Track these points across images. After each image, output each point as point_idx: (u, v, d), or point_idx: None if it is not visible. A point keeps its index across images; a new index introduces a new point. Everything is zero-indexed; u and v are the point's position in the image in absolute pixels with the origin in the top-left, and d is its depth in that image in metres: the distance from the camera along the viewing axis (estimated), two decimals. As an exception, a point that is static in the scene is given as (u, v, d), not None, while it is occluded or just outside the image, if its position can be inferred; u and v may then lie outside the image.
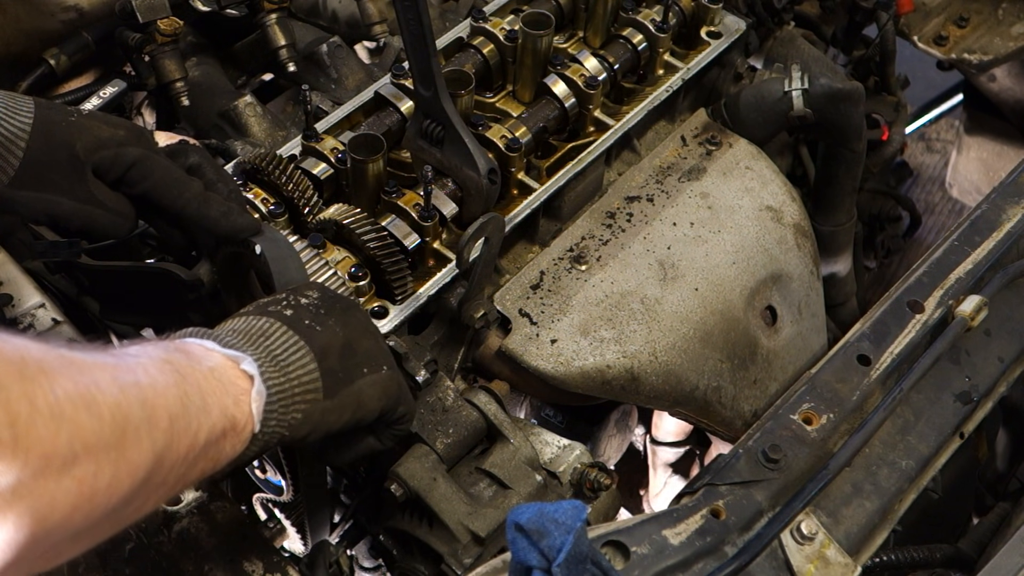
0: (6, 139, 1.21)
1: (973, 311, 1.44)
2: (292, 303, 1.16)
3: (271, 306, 1.16)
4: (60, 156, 1.24)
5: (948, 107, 3.49)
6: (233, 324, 1.12)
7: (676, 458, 2.34)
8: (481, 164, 1.47)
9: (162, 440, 0.91)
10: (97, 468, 0.83)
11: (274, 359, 1.08)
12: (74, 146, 1.24)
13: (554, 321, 1.55)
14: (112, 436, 0.84)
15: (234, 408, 1.02)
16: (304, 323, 1.14)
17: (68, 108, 1.28)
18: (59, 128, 1.24)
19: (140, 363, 0.93)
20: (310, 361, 1.11)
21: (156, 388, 0.92)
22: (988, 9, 2.44)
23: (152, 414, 0.90)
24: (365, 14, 1.87)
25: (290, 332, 1.11)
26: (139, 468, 0.88)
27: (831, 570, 1.27)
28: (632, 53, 1.73)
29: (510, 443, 1.41)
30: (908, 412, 1.42)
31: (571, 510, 0.98)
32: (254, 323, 1.12)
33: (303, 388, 1.09)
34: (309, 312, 1.16)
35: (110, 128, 1.27)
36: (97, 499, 0.84)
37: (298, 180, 1.46)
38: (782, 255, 1.75)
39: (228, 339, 1.09)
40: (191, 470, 0.98)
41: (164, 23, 1.71)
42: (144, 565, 1.33)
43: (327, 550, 1.57)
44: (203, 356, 1.03)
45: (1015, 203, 1.64)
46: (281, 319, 1.12)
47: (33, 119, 1.23)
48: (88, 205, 1.27)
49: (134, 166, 1.28)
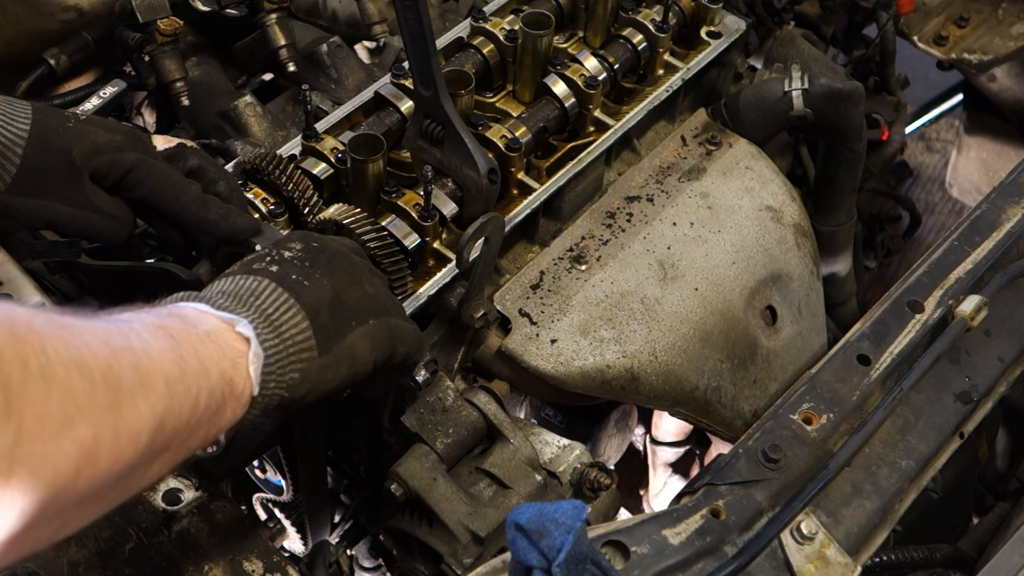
0: (3, 146, 1.21)
1: (973, 311, 1.44)
2: (276, 258, 1.15)
3: (256, 263, 1.14)
4: (57, 162, 1.24)
5: (948, 107, 3.49)
6: (222, 285, 1.11)
7: (676, 458, 2.34)
8: (481, 164, 1.47)
9: (161, 404, 0.90)
10: (96, 431, 0.82)
11: (267, 319, 1.07)
12: (71, 152, 1.24)
13: (554, 321, 1.55)
14: (106, 399, 0.84)
15: (232, 371, 1.01)
16: (291, 278, 1.12)
17: (66, 113, 1.28)
18: (56, 134, 1.24)
19: (133, 328, 0.93)
20: (302, 319, 1.09)
21: (150, 353, 0.91)
22: (988, 9, 2.44)
23: (147, 378, 0.89)
24: (365, 14, 1.87)
25: (280, 290, 1.10)
26: (140, 432, 0.87)
27: (831, 570, 1.27)
28: (632, 53, 1.73)
29: (510, 443, 1.41)
30: (908, 412, 1.42)
31: (571, 510, 0.98)
32: (242, 283, 1.10)
33: (297, 347, 1.08)
34: (294, 266, 1.14)
35: (107, 133, 1.27)
36: (100, 463, 0.84)
37: (298, 180, 1.46)
38: (782, 255, 1.75)
39: (220, 301, 1.08)
40: (193, 436, 0.97)
41: (164, 23, 1.71)
42: (144, 565, 1.33)
43: (327, 550, 1.57)
44: (198, 320, 1.02)
45: (1015, 203, 1.64)
46: (269, 276, 1.11)
47: (30, 125, 1.23)
48: (85, 211, 1.27)
49: (131, 171, 1.28)
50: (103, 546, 1.35)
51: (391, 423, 1.47)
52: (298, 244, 1.18)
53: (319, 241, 1.21)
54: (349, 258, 1.22)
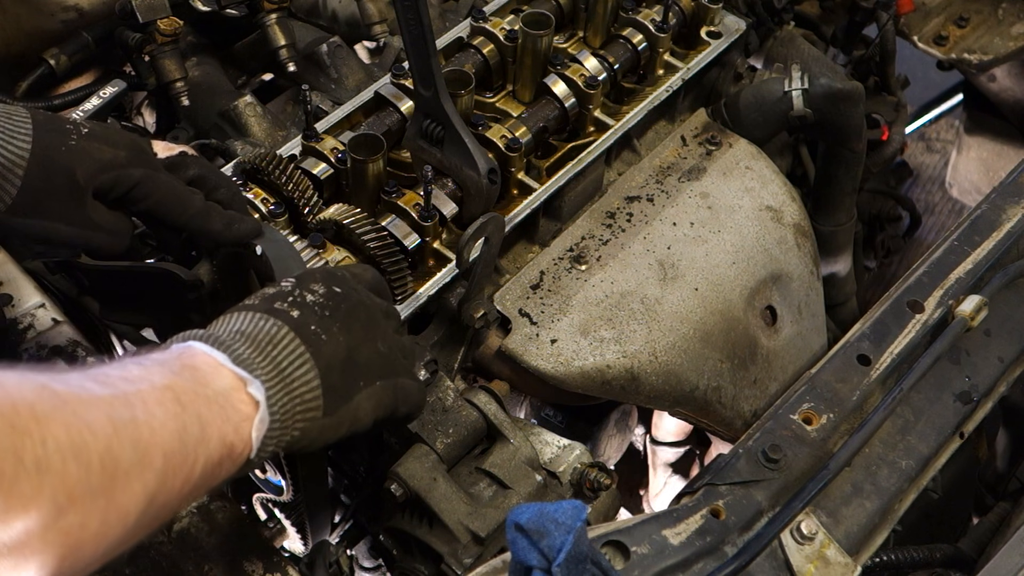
0: (3, 167, 1.18)
1: (973, 311, 1.44)
2: (298, 300, 1.13)
3: (277, 301, 1.12)
4: (59, 183, 1.20)
5: (948, 107, 3.49)
6: (240, 324, 1.08)
7: (676, 458, 2.34)
8: (481, 164, 1.47)
9: (154, 481, 0.89)
10: (84, 518, 0.82)
11: (281, 375, 1.05)
12: (74, 172, 1.20)
13: (554, 321, 1.55)
14: (100, 483, 0.83)
15: (233, 436, 1.00)
16: (310, 329, 1.10)
17: (67, 127, 1.23)
18: (59, 153, 1.20)
19: (140, 394, 0.91)
20: (314, 377, 1.08)
21: (153, 425, 0.89)
22: (988, 9, 2.44)
23: (144, 456, 0.87)
24: (365, 14, 1.87)
25: (297, 341, 1.08)
26: (129, 513, 0.87)
27: (831, 570, 1.27)
28: (632, 53, 1.73)
29: (510, 443, 1.41)
30: (908, 412, 1.42)
31: (571, 510, 0.98)
32: (262, 325, 1.08)
33: (304, 406, 1.07)
34: (315, 314, 1.12)
35: (111, 149, 1.24)
36: (85, 548, 0.83)
37: (298, 180, 1.46)
38: (782, 255, 1.75)
39: (237, 348, 1.05)
40: (184, 501, 0.96)
41: (164, 23, 1.71)
42: (144, 565, 1.33)
43: (327, 550, 1.57)
44: (211, 375, 1.00)
45: (1015, 203, 1.64)
46: (289, 323, 1.09)
47: (31, 143, 1.19)
48: (86, 229, 1.25)
49: (136, 187, 1.26)
50: (103, 546, 1.35)
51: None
52: (321, 288, 1.16)
53: (342, 285, 1.18)
54: (367, 309, 1.19)
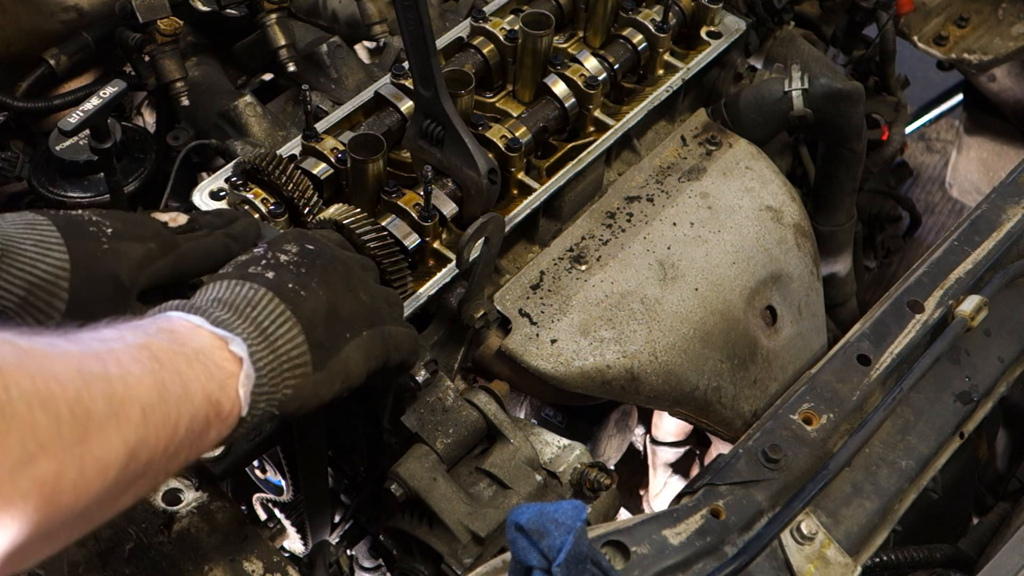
0: (48, 282, 1.11)
1: (973, 311, 1.44)
2: (272, 262, 1.11)
3: (251, 266, 1.11)
4: (106, 289, 1.16)
5: (948, 107, 3.49)
6: (216, 292, 1.07)
7: (676, 458, 2.34)
8: (481, 164, 1.47)
9: (134, 435, 0.87)
10: (59, 467, 0.80)
11: (263, 334, 1.04)
12: (119, 276, 1.16)
13: (554, 321, 1.55)
14: (72, 433, 0.81)
15: (220, 393, 0.98)
16: (288, 287, 1.09)
17: (91, 229, 1.17)
18: (98, 259, 1.15)
19: (112, 351, 0.89)
20: (298, 334, 1.07)
21: (127, 380, 0.88)
22: (988, 9, 2.44)
23: (120, 409, 0.86)
24: (365, 14, 1.87)
25: (276, 301, 1.07)
26: (109, 466, 0.85)
27: (831, 570, 1.27)
28: (632, 53, 1.73)
29: (510, 443, 1.41)
30: (908, 412, 1.42)
31: (571, 510, 0.98)
32: (238, 290, 1.07)
33: (292, 364, 1.06)
34: (290, 272, 1.11)
35: (142, 245, 1.19)
36: (63, 498, 0.81)
37: (298, 180, 1.46)
38: (782, 255, 1.75)
39: (215, 313, 1.04)
40: (172, 461, 0.95)
41: (164, 23, 1.71)
42: (144, 565, 1.34)
43: (327, 550, 1.57)
44: (188, 336, 0.99)
45: (1015, 203, 1.64)
46: (265, 284, 1.08)
47: (68, 253, 1.13)
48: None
49: (174, 270, 1.21)
50: (103, 546, 1.35)
51: (391, 423, 1.47)
52: (294, 247, 1.15)
53: (314, 243, 1.18)
54: (344, 263, 1.19)
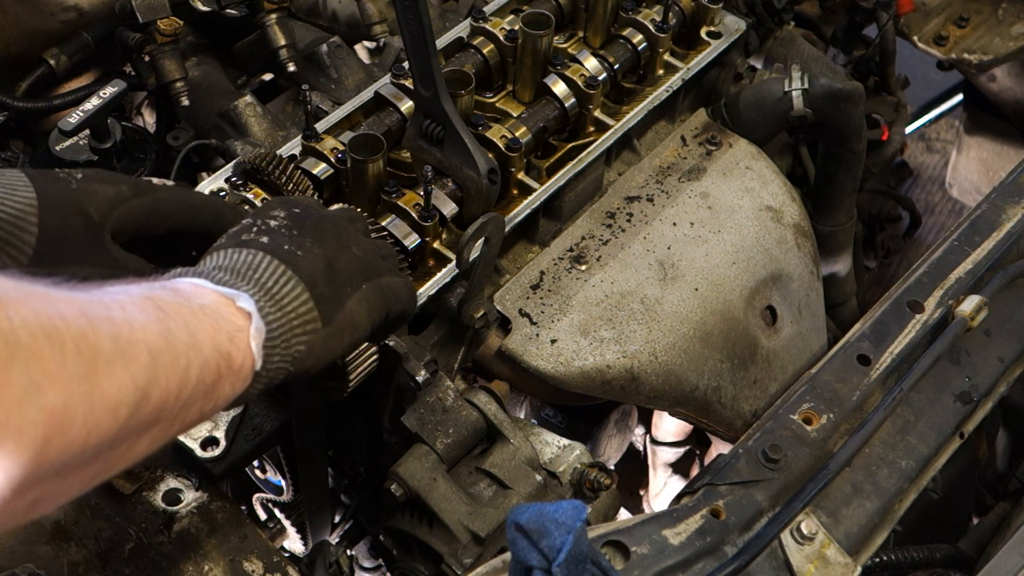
0: (16, 217, 1.13)
1: (973, 311, 1.44)
2: (263, 228, 1.13)
3: (243, 234, 1.12)
4: (76, 223, 1.17)
5: (948, 107, 3.49)
6: (217, 260, 1.08)
7: (676, 458, 2.34)
8: (481, 164, 1.47)
9: (143, 375, 0.86)
10: (67, 398, 0.78)
11: (268, 293, 1.05)
12: (87, 210, 1.17)
13: (554, 321, 1.55)
14: (79, 367, 0.80)
15: (230, 345, 0.98)
16: (284, 249, 1.10)
17: (62, 175, 1.20)
18: (67, 195, 1.17)
19: (116, 299, 0.89)
20: (303, 291, 1.08)
21: (132, 324, 0.87)
22: (988, 9, 2.44)
23: (127, 348, 0.85)
24: (365, 14, 1.87)
25: (276, 262, 1.08)
26: (120, 403, 0.84)
27: (831, 570, 1.27)
28: (632, 53, 1.73)
29: (510, 443, 1.41)
30: (908, 412, 1.42)
31: (571, 510, 0.98)
32: (237, 257, 1.08)
33: (301, 320, 1.07)
34: (283, 235, 1.12)
35: (113, 187, 1.21)
36: (72, 431, 0.80)
37: (298, 180, 1.46)
38: (782, 255, 1.75)
39: (219, 276, 1.05)
40: (187, 410, 0.94)
41: (164, 23, 1.71)
42: (144, 565, 1.34)
43: (327, 550, 1.57)
44: (193, 293, 0.99)
45: (1015, 203, 1.64)
46: (262, 248, 1.09)
47: (35, 192, 1.15)
48: (114, 270, 1.21)
49: (150, 213, 1.23)
50: (103, 546, 1.35)
51: (391, 423, 1.47)
52: (281, 211, 1.16)
53: (299, 206, 1.19)
54: (332, 220, 1.20)
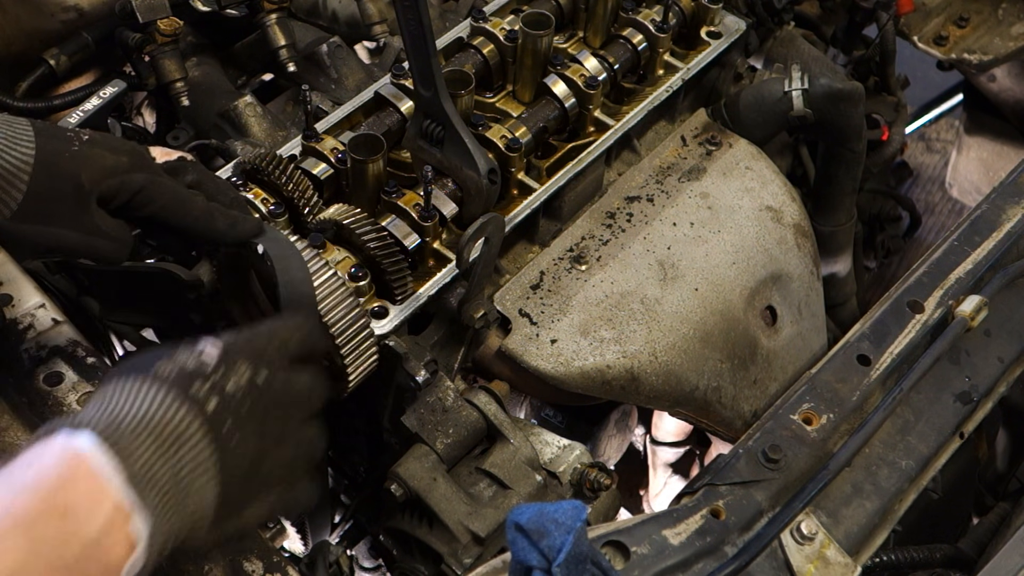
0: (8, 172, 1.16)
1: (973, 311, 1.44)
2: (218, 386, 1.04)
3: (196, 381, 1.03)
4: (65, 189, 1.19)
5: (948, 107, 3.49)
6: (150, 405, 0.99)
7: (676, 458, 2.34)
8: (481, 164, 1.47)
9: None
10: None
11: (177, 485, 0.98)
12: (79, 177, 1.19)
13: (554, 321, 1.55)
14: None
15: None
16: (223, 429, 1.02)
17: (68, 134, 1.22)
18: (63, 159, 1.19)
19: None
20: (212, 491, 1.02)
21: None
22: (988, 9, 2.44)
23: None
24: (365, 14, 1.87)
25: (205, 442, 1.00)
26: None
27: (831, 570, 1.27)
28: (632, 53, 1.73)
29: (510, 443, 1.41)
30: (908, 412, 1.42)
31: (571, 510, 0.98)
32: (173, 415, 0.99)
33: (191, 523, 1.01)
34: (231, 409, 1.04)
35: (114, 156, 1.23)
36: None
37: (298, 180, 1.46)
38: (782, 255, 1.75)
39: (137, 451, 0.96)
40: None
41: (164, 23, 1.71)
42: (144, 565, 1.33)
43: (327, 550, 1.57)
44: (88, 513, 0.92)
45: (1015, 203, 1.64)
46: (202, 417, 1.01)
47: (35, 150, 1.17)
48: (92, 236, 1.23)
49: (140, 192, 1.24)
50: (103, 546, 1.34)
51: (391, 423, 1.47)
52: (247, 374, 1.07)
53: (267, 369, 1.10)
54: (288, 406, 1.12)
